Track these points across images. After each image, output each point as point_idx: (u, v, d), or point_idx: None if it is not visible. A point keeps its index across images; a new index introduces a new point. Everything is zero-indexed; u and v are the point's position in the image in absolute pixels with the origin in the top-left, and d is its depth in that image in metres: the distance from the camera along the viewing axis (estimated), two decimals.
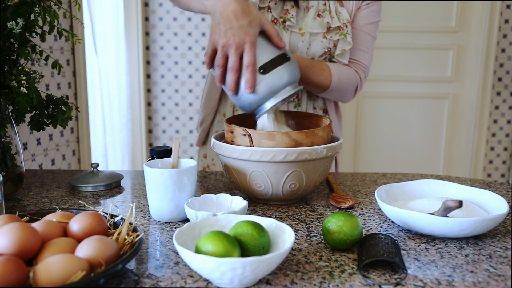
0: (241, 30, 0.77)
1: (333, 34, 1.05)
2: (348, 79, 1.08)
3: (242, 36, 0.77)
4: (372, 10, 1.11)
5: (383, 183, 1.01)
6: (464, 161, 2.95)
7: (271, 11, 1.06)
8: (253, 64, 0.77)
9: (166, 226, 0.73)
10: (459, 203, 0.63)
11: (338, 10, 1.06)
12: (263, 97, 0.79)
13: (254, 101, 0.80)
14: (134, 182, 1.01)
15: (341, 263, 0.59)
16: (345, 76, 1.07)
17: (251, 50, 0.77)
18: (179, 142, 0.80)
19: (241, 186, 0.83)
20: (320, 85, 1.04)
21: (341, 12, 1.06)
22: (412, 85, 2.89)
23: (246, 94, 0.79)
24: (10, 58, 0.82)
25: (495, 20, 2.73)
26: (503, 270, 0.58)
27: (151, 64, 2.82)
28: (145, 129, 2.81)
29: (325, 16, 1.05)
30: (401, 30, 2.81)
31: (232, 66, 0.78)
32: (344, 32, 1.05)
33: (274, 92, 0.79)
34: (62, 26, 1.45)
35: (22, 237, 0.51)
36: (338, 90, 1.07)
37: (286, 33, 1.06)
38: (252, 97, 0.79)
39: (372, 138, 2.96)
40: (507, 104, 2.86)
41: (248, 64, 0.77)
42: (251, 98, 0.80)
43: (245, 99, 0.81)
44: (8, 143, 0.85)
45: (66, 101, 0.91)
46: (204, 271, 0.51)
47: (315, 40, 1.05)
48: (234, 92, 0.80)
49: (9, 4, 0.79)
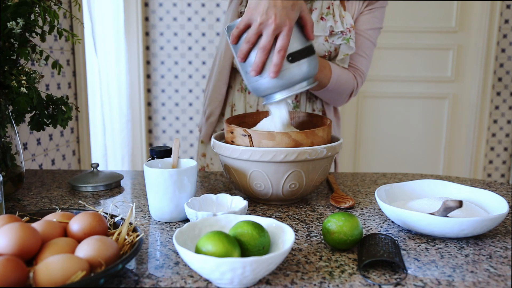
0: (283, 11, 0.74)
1: (335, 38, 1.04)
2: (346, 82, 1.07)
3: (283, 18, 0.74)
4: (374, 16, 1.09)
5: (383, 183, 1.01)
6: (464, 161, 2.95)
7: None
8: (285, 50, 0.74)
9: (166, 226, 0.73)
10: (459, 203, 0.63)
11: (342, 14, 1.05)
12: (281, 85, 0.78)
13: (272, 87, 0.78)
14: (134, 182, 1.01)
15: (341, 263, 0.59)
16: (343, 79, 1.06)
17: (288, 35, 0.74)
18: (179, 142, 0.80)
19: (241, 186, 0.83)
20: (319, 82, 1.03)
21: (345, 17, 1.05)
22: (412, 85, 2.89)
23: (268, 77, 0.76)
24: (10, 58, 0.82)
25: (495, 20, 2.73)
26: (503, 270, 0.58)
27: (151, 64, 2.82)
28: (145, 129, 2.81)
29: (328, 19, 1.04)
30: (401, 30, 2.81)
31: (265, 46, 0.74)
32: (347, 37, 1.04)
33: (292, 83, 0.78)
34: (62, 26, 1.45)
35: (22, 237, 0.51)
36: (334, 91, 1.06)
37: None
38: (271, 83, 0.77)
39: (372, 138, 2.96)
40: (507, 104, 2.86)
41: (281, 48, 0.74)
42: (270, 83, 0.77)
43: (263, 83, 0.78)
44: (8, 143, 0.85)
45: (66, 101, 0.91)
46: (204, 271, 0.51)
47: (316, 43, 1.05)
48: (257, 73, 0.77)
49: (9, 4, 0.79)
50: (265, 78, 0.78)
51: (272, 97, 0.81)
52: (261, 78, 0.78)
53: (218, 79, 1.17)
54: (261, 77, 0.78)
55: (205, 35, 2.77)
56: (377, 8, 1.09)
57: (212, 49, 2.79)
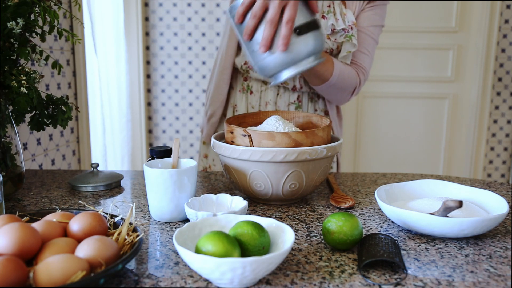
0: None
1: (337, 36, 1.04)
2: (349, 78, 1.06)
3: None
4: (375, 13, 1.09)
5: (383, 183, 1.01)
6: (464, 161, 2.95)
7: None
8: (293, 21, 0.73)
9: (166, 226, 0.73)
10: (459, 203, 0.63)
11: (343, 12, 1.05)
12: (289, 61, 0.76)
13: (280, 64, 0.76)
14: (134, 182, 1.01)
15: (341, 263, 0.59)
16: (346, 74, 1.05)
17: (294, 6, 0.73)
18: (179, 142, 0.80)
19: (241, 186, 0.83)
20: (320, 75, 1.02)
21: (346, 14, 1.05)
22: (412, 85, 2.89)
23: (277, 53, 0.75)
24: (10, 58, 0.82)
25: (495, 20, 2.73)
26: (503, 270, 0.58)
27: (151, 64, 2.82)
28: (145, 129, 2.81)
29: (329, 18, 1.04)
30: (401, 30, 2.81)
31: (272, 19, 0.73)
32: (349, 34, 1.03)
33: (300, 58, 0.76)
34: (62, 26, 1.45)
35: (22, 237, 0.51)
36: (336, 86, 1.06)
37: None
38: (279, 59, 0.76)
39: (372, 138, 2.96)
40: (507, 104, 2.86)
41: (289, 19, 0.73)
42: (278, 59, 0.76)
43: (271, 60, 0.76)
44: (8, 143, 0.85)
45: (66, 101, 0.91)
46: (204, 271, 0.51)
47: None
48: (267, 47, 0.75)
49: (9, 4, 0.79)
50: (273, 55, 0.76)
51: (279, 76, 0.78)
52: (269, 55, 0.76)
53: (220, 79, 1.17)
54: (269, 53, 0.76)
55: (205, 35, 2.77)
56: (378, 5, 1.09)
57: (212, 49, 2.79)
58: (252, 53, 0.79)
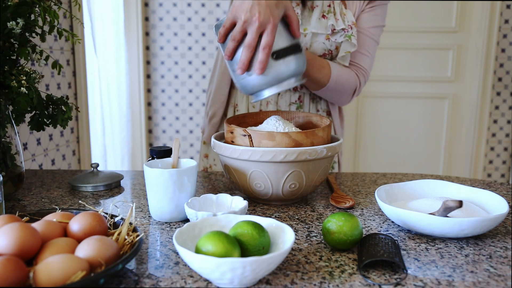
0: (267, 9, 0.75)
1: (337, 36, 1.04)
2: (347, 81, 1.06)
3: (267, 16, 0.74)
4: (376, 14, 1.09)
5: (383, 183, 1.01)
6: (464, 161, 2.95)
7: None
8: (270, 47, 0.75)
9: (166, 226, 0.73)
10: (459, 203, 0.63)
11: (343, 12, 1.05)
12: (268, 83, 0.79)
13: (258, 85, 0.79)
14: (134, 182, 1.01)
15: (341, 263, 0.59)
16: (344, 78, 1.05)
17: (272, 32, 0.75)
18: (179, 142, 0.80)
19: (241, 186, 0.83)
20: (317, 81, 1.03)
21: (346, 14, 1.05)
22: (412, 85, 2.89)
23: (255, 75, 0.78)
24: (10, 58, 0.82)
25: (495, 20, 2.73)
26: (503, 270, 0.58)
27: (151, 64, 2.82)
28: (145, 129, 2.81)
29: (329, 18, 1.04)
30: (401, 30, 2.81)
31: (250, 44, 0.75)
32: (349, 34, 1.03)
33: (279, 80, 0.79)
34: (62, 26, 1.45)
35: (22, 237, 0.51)
36: (334, 90, 1.06)
37: None
38: (258, 80, 0.78)
39: (372, 138, 2.96)
40: (507, 104, 2.86)
41: (266, 45, 0.75)
42: (257, 81, 0.78)
43: (250, 80, 0.79)
44: (8, 143, 0.85)
45: (66, 101, 0.91)
46: (204, 271, 0.51)
47: (317, 41, 1.05)
48: (244, 70, 0.78)
49: (9, 4, 0.79)
50: (252, 76, 0.78)
51: (260, 94, 0.81)
52: (248, 76, 0.79)
53: (221, 80, 1.17)
54: (248, 74, 0.79)
55: (205, 35, 2.77)
56: (379, 5, 1.09)
57: (212, 49, 2.79)
58: (233, 72, 0.82)
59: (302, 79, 0.83)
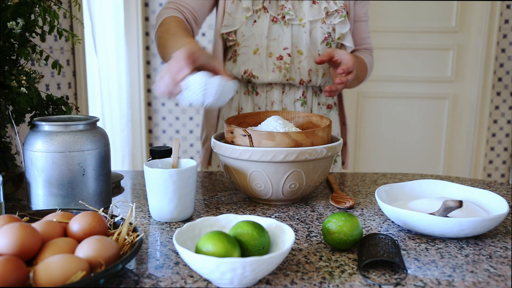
0: (170, 78, 0.83)
1: (332, 18, 1.09)
2: (371, 66, 1.22)
3: (171, 86, 0.83)
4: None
5: (383, 183, 1.01)
6: (464, 161, 2.95)
7: (268, 10, 1.07)
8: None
9: (166, 226, 0.73)
10: (459, 203, 0.63)
11: None
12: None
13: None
14: (134, 182, 1.01)
15: (341, 263, 0.59)
16: (371, 64, 1.22)
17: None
18: (179, 142, 0.80)
19: (241, 186, 0.83)
20: (362, 80, 1.18)
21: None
22: (412, 85, 2.89)
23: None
24: (10, 58, 0.82)
25: (495, 20, 2.73)
26: (503, 270, 0.58)
27: (151, 64, 2.82)
28: (145, 129, 2.81)
29: (321, 2, 1.09)
30: (401, 30, 2.81)
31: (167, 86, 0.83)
32: (343, 14, 1.09)
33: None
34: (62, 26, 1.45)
35: (22, 237, 0.51)
36: (366, 78, 1.22)
37: (288, 28, 1.07)
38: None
39: (372, 138, 2.96)
40: (507, 104, 2.86)
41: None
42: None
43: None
44: (8, 143, 0.85)
45: (66, 101, 0.91)
46: (204, 271, 0.51)
47: (315, 28, 1.09)
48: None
49: (9, 4, 0.79)
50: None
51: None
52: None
53: None
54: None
55: (205, 35, 2.77)
56: None
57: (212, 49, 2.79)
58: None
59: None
